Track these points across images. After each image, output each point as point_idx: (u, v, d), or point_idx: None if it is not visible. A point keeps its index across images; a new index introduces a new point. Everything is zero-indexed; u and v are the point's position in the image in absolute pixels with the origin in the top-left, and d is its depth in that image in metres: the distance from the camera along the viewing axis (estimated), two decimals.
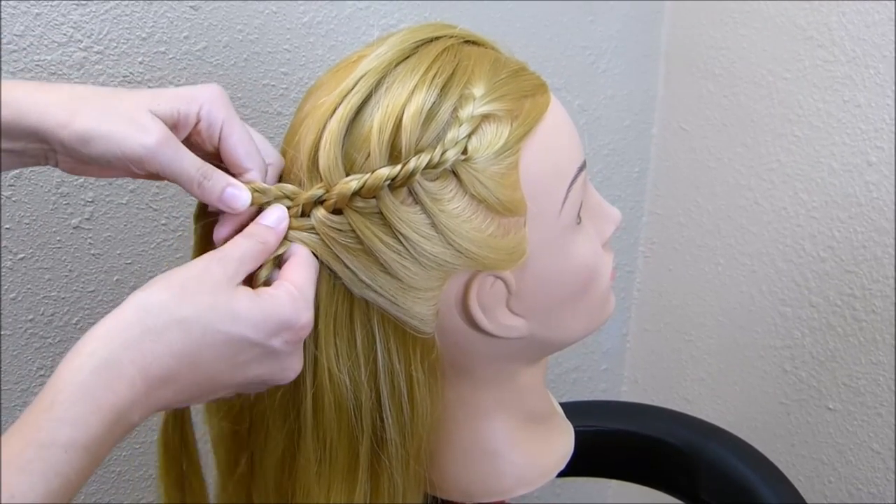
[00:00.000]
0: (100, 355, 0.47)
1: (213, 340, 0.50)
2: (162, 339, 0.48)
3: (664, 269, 1.49)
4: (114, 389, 0.46)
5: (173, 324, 0.49)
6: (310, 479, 0.62)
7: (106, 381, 0.46)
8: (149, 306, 0.49)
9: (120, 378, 0.47)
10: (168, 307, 0.49)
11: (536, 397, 0.73)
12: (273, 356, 0.53)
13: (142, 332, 0.48)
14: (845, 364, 1.23)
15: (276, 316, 0.52)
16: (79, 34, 0.85)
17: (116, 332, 0.48)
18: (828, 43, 1.16)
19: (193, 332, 0.49)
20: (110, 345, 0.47)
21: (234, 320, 0.51)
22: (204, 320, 0.50)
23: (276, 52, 0.98)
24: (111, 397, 0.46)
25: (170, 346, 0.49)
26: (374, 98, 0.57)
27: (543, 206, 0.60)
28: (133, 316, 0.49)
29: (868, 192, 1.16)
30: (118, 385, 0.47)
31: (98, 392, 0.46)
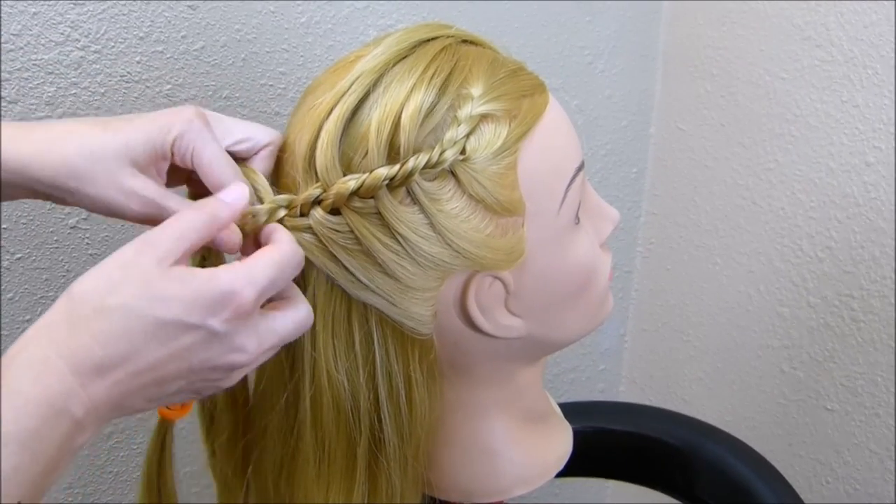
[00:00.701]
0: (29, 351, 0.46)
1: (142, 326, 0.47)
2: (88, 329, 0.47)
3: (662, 269, 1.49)
4: (43, 383, 0.45)
5: (98, 312, 0.47)
6: (308, 479, 0.62)
7: (34, 374, 0.45)
8: (75, 296, 0.48)
9: (48, 371, 0.45)
10: (92, 297, 0.47)
11: (535, 397, 0.73)
12: (216, 338, 0.49)
13: (68, 323, 0.47)
14: (843, 364, 1.23)
15: (209, 293, 0.48)
16: (76, 33, 0.85)
17: (44, 326, 0.47)
18: (826, 43, 1.16)
19: (118, 318, 0.47)
20: (38, 339, 0.47)
21: (161, 302, 0.47)
22: (129, 305, 0.47)
23: (274, 51, 0.98)
24: (41, 390, 0.45)
25: (95, 336, 0.47)
26: (372, 98, 0.57)
27: (542, 206, 0.60)
28: (61, 308, 0.47)
29: (866, 193, 1.16)
30: (47, 378, 0.45)
31: (26, 386, 0.45)
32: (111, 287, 0.48)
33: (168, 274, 0.48)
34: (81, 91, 0.87)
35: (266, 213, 0.56)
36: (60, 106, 0.86)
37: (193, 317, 0.48)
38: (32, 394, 0.45)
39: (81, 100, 0.87)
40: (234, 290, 0.49)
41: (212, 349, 0.50)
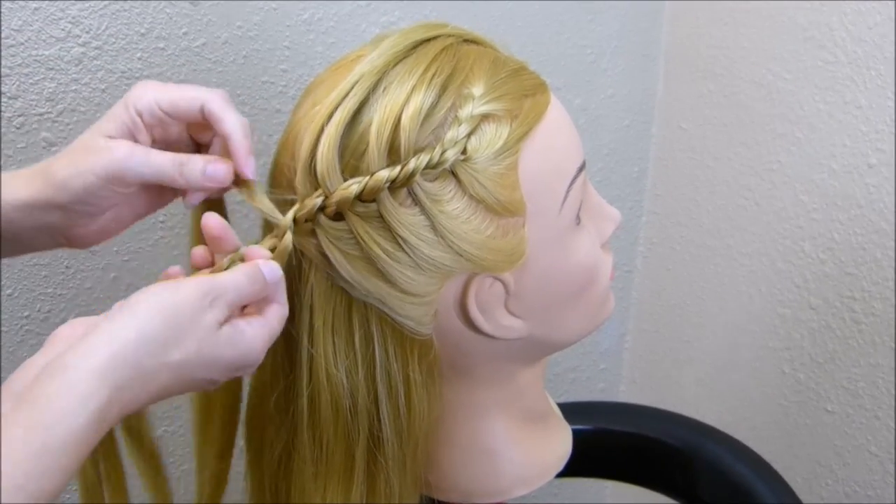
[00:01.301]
0: (97, 402, 0.46)
1: (188, 381, 0.51)
2: (151, 383, 0.49)
3: (663, 269, 1.48)
4: (102, 432, 0.47)
5: (164, 368, 0.49)
6: (306, 479, 0.61)
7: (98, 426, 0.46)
8: (144, 345, 0.48)
9: (107, 420, 0.47)
10: (162, 349, 0.49)
11: (535, 397, 0.73)
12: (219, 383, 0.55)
13: (137, 374, 0.48)
14: (844, 366, 1.23)
15: (245, 360, 0.54)
16: (77, 29, 0.85)
17: (114, 370, 0.47)
18: (829, 43, 1.16)
19: (174, 376, 0.50)
20: (108, 384, 0.46)
21: (211, 367, 0.52)
22: (188, 367, 0.50)
23: (276, 49, 0.98)
24: (97, 439, 0.47)
25: (152, 389, 0.49)
26: (372, 99, 0.56)
27: (543, 207, 0.59)
28: (132, 353, 0.48)
29: (868, 194, 1.16)
30: (105, 427, 0.47)
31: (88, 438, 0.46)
32: (179, 340, 0.50)
33: (220, 337, 0.52)
34: (82, 87, 0.87)
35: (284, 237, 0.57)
36: (61, 102, 0.86)
37: (225, 375, 0.54)
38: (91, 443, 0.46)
39: (82, 96, 0.87)
40: (259, 359, 0.54)
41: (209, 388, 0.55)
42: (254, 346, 0.53)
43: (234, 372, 0.54)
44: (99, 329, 0.48)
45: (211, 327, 0.51)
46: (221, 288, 0.52)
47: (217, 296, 0.51)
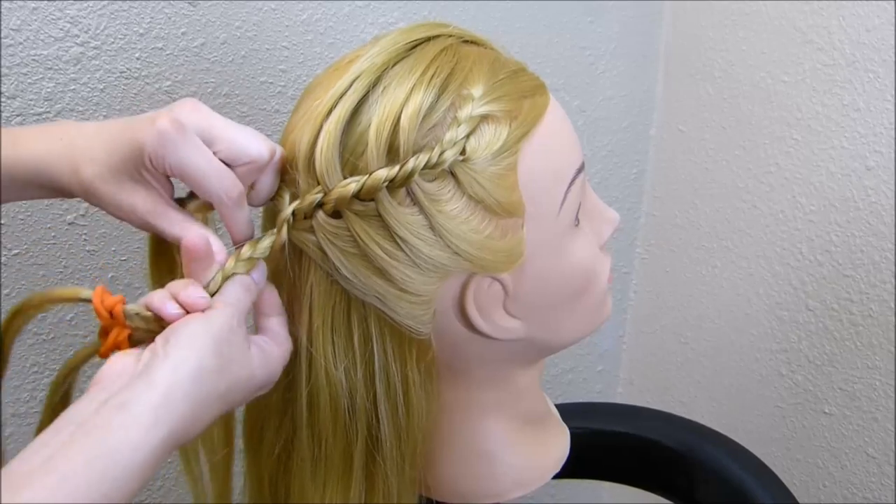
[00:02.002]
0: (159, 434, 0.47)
1: (228, 406, 0.53)
2: (204, 412, 0.50)
3: (661, 271, 1.48)
4: (160, 462, 0.48)
5: (216, 398, 0.51)
6: (305, 478, 0.61)
7: (156, 458, 0.47)
8: (201, 378, 0.50)
9: (166, 451, 0.48)
10: (215, 378, 0.51)
11: (532, 399, 0.73)
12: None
13: (194, 407, 0.49)
14: (842, 368, 1.23)
15: (271, 379, 0.56)
16: (76, 29, 0.85)
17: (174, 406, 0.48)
18: (827, 46, 1.16)
19: (223, 403, 0.52)
20: (169, 421, 0.47)
21: (246, 389, 0.54)
22: (234, 391, 0.52)
23: (275, 49, 0.98)
24: (155, 469, 0.48)
25: (206, 419, 0.51)
26: (372, 99, 0.56)
27: (541, 208, 0.59)
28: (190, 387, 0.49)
29: (866, 197, 1.16)
30: (163, 458, 0.48)
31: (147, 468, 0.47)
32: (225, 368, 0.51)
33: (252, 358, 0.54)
34: (80, 87, 0.87)
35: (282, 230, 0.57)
36: (59, 102, 0.86)
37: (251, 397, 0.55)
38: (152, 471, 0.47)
39: (80, 96, 0.87)
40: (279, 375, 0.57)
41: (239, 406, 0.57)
42: (278, 365, 0.56)
43: (259, 391, 0.56)
44: (155, 366, 0.49)
45: (244, 349, 0.53)
46: (236, 304, 0.54)
47: (238, 315, 0.54)
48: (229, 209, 0.56)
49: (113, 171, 0.56)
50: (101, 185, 0.56)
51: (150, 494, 1.03)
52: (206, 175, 0.55)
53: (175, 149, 0.54)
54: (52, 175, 0.57)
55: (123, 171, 0.56)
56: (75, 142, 0.57)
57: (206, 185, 0.55)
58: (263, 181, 0.58)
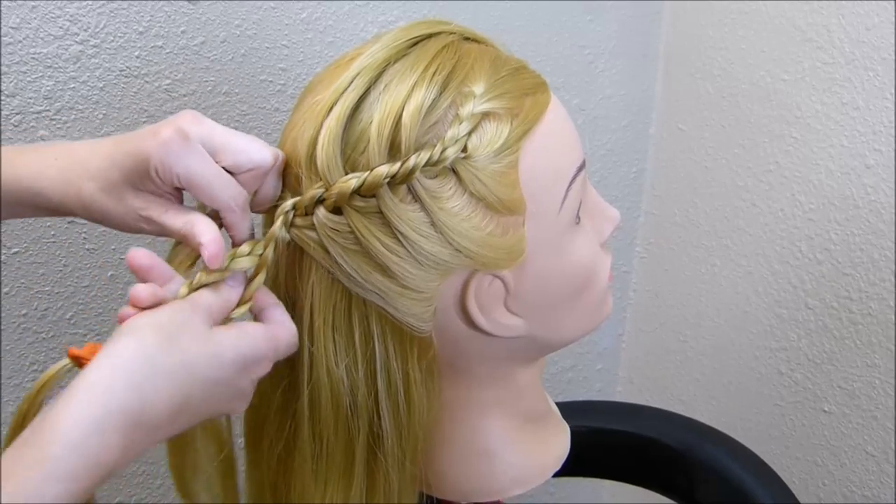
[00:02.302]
0: (96, 410, 0.46)
1: (202, 387, 0.51)
2: (158, 392, 0.48)
3: (660, 269, 1.49)
4: (108, 445, 0.46)
5: (166, 375, 0.49)
6: (306, 476, 0.61)
7: (101, 437, 0.46)
8: (144, 355, 0.49)
9: (115, 431, 0.46)
10: (159, 357, 0.49)
11: (533, 397, 0.73)
12: (241, 394, 0.54)
13: (138, 383, 0.48)
14: (841, 367, 1.23)
15: (252, 354, 0.53)
16: (75, 27, 0.85)
17: (113, 383, 0.47)
18: (827, 45, 1.16)
19: (184, 379, 0.50)
20: (107, 396, 0.47)
21: (220, 365, 0.52)
22: (192, 367, 0.50)
23: (274, 47, 0.98)
24: (105, 454, 0.46)
25: (161, 397, 0.49)
26: (373, 95, 0.56)
27: (542, 206, 0.59)
28: (130, 365, 0.48)
29: (866, 195, 1.16)
30: (112, 439, 0.46)
31: (93, 450, 0.45)
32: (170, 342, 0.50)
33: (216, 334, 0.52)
34: (80, 85, 0.86)
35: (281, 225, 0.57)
36: (59, 100, 0.86)
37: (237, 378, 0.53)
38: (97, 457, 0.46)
39: (80, 94, 0.87)
40: (267, 356, 0.55)
41: (234, 402, 0.55)
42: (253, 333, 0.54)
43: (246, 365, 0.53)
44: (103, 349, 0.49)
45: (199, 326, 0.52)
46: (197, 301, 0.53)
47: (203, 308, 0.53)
48: (237, 216, 0.56)
49: (114, 185, 0.56)
50: (104, 199, 0.56)
51: (151, 493, 1.03)
52: (213, 183, 0.55)
53: (181, 158, 0.54)
54: (49, 196, 0.58)
55: (126, 184, 0.56)
56: (71, 163, 0.57)
57: (214, 193, 0.55)
58: (266, 186, 0.58)
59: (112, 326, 0.96)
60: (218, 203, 0.56)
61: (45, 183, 0.57)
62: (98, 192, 0.56)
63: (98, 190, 0.56)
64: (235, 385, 0.53)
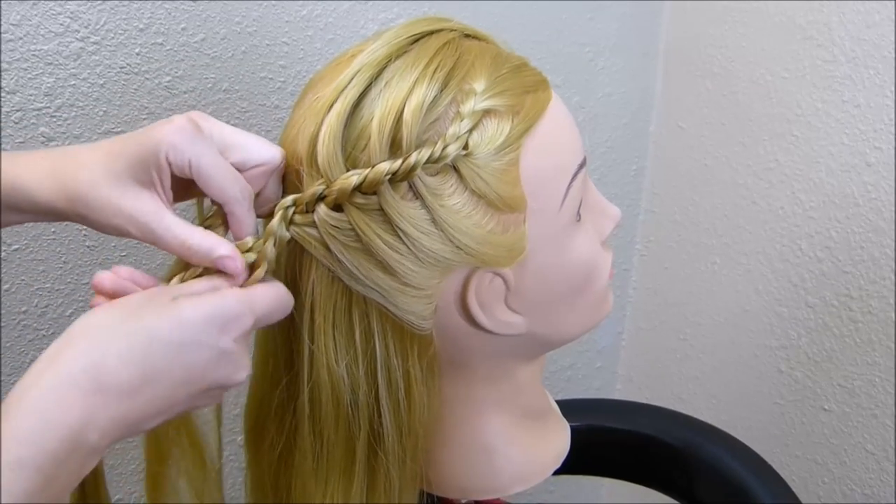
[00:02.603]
0: (51, 372, 0.46)
1: (165, 350, 0.49)
2: (112, 352, 0.48)
3: (660, 267, 1.48)
4: (66, 406, 0.45)
5: (122, 336, 0.48)
6: (307, 475, 0.61)
7: (58, 397, 0.45)
8: (95, 325, 0.49)
9: (73, 393, 0.46)
10: (113, 324, 0.49)
11: (533, 394, 0.73)
12: (226, 357, 0.52)
13: (90, 346, 0.48)
14: (841, 365, 1.23)
15: (221, 312, 0.51)
16: (76, 24, 0.84)
17: (65, 348, 0.47)
18: (827, 43, 1.16)
19: (142, 342, 0.49)
20: (60, 361, 0.47)
21: (181, 324, 0.50)
22: (151, 330, 0.49)
23: (275, 44, 0.98)
24: (64, 415, 0.45)
25: (120, 357, 0.48)
26: (374, 92, 0.56)
27: (543, 203, 0.59)
28: (80, 332, 0.48)
29: (866, 193, 1.16)
30: (71, 400, 0.46)
31: (50, 408, 0.45)
32: (131, 312, 0.49)
33: (179, 301, 0.51)
34: (81, 82, 0.86)
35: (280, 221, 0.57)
36: (59, 97, 0.85)
37: (209, 336, 0.51)
38: (56, 418, 0.45)
39: (81, 91, 0.87)
40: (242, 313, 0.52)
41: (222, 368, 0.52)
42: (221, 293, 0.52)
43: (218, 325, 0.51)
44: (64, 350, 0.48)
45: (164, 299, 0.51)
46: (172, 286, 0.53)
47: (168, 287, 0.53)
48: (243, 209, 0.56)
49: (116, 175, 0.54)
50: (100, 190, 0.54)
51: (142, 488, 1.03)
52: (222, 173, 0.55)
53: (194, 144, 0.54)
54: (34, 193, 0.56)
55: (129, 175, 0.54)
56: (61, 158, 0.56)
57: (225, 184, 0.55)
58: (269, 187, 0.58)
59: None
60: (227, 194, 0.55)
61: (29, 178, 0.56)
62: (90, 182, 0.54)
63: (94, 179, 0.54)
64: (212, 345, 0.51)
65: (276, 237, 0.56)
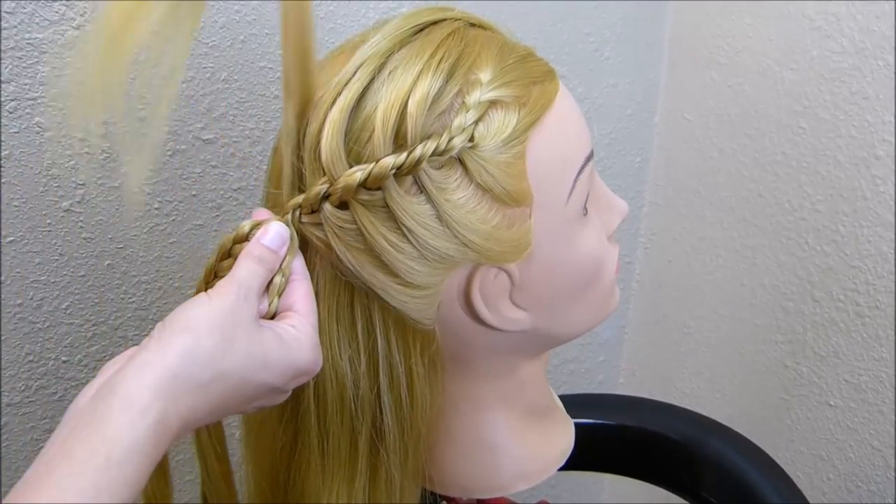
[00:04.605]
0: (153, 413, 0.47)
1: (244, 389, 0.52)
2: (207, 393, 0.50)
3: (664, 260, 1.48)
4: (163, 445, 0.47)
5: (217, 377, 0.50)
6: (312, 470, 0.61)
7: (158, 438, 0.47)
8: (196, 357, 0.49)
9: (168, 433, 0.48)
10: (213, 359, 0.50)
11: (537, 391, 0.72)
12: (281, 394, 0.55)
13: (190, 386, 0.49)
14: (847, 360, 1.22)
15: (298, 364, 0.54)
16: (71, 12, 0.83)
17: (167, 385, 0.48)
18: (836, 34, 1.15)
19: (232, 383, 0.51)
20: (162, 399, 0.47)
21: (265, 370, 0.52)
22: (241, 372, 0.51)
23: (274, 34, 0.96)
24: (159, 452, 0.47)
25: (210, 398, 0.50)
26: (377, 85, 0.55)
27: (550, 197, 0.58)
28: (181, 369, 0.49)
29: (874, 186, 1.14)
30: (166, 440, 0.48)
31: (150, 449, 0.46)
32: (227, 348, 0.50)
33: (265, 337, 0.52)
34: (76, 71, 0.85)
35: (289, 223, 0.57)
36: (55, 87, 0.84)
37: (281, 381, 0.54)
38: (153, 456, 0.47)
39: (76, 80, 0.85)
40: (317, 361, 0.55)
41: (272, 399, 0.56)
42: (301, 339, 0.54)
43: (294, 373, 0.54)
44: (147, 348, 0.49)
45: (251, 324, 0.52)
46: (244, 281, 0.53)
47: (246, 291, 0.53)
48: None
49: None
50: None
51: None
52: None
53: None
54: None
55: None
56: None
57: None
58: None
59: (109, 316, 0.96)
60: None
61: None
62: None
63: None
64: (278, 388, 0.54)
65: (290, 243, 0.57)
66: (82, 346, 0.95)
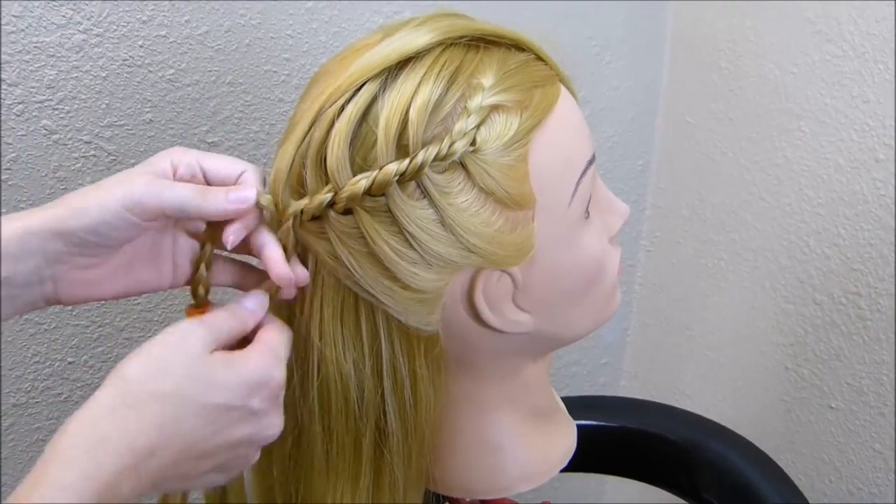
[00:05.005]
0: (86, 429, 0.47)
1: (193, 412, 0.50)
2: (143, 414, 0.49)
3: (666, 263, 1.48)
4: (101, 461, 0.46)
5: (152, 399, 0.49)
6: (316, 471, 0.61)
7: (94, 452, 0.46)
8: (128, 382, 0.50)
9: (106, 450, 0.47)
10: (146, 382, 0.50)
11: (540, 393, 0.72)
12: (253, 416, 0.53)
13: (124, 407, 0.49)
14: (848, 363, 1.23)
15: (249, 378, 0.53)
16: (78, 16, 0.84)
17: (99, 408, 0.48)
18: (837, 37, 1.15)
19: (172, 405, 0.50)
20: (95, 419, 0.48)
21: (211, 389, 0.51)
22: (182, 393, 0.50)
23: (279, 37, 0.97)
24: (98, 470, 0.46)
25: (151, 420, 0.49)
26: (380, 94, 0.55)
27: (552, 200, 0.59)
28: (113, 391, 0.49)
29: (875, 190, 1.15)
30: (105, 457, 0.47)
31: (86, 463, 0.46)
32: (164, 371, 0.50)
33: (211, 360, 0.52)
34: (83, 75, 0.86)
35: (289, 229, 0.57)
36: (61, 90, 0.85)
37: (237, 399, 0.52)
38: (91, 470, 0.46)
39: (83, 84, 0.86)
40: (270, 372, 0.54)
41: (250, 426, 0.53)
42: (247, 353, 0.53)
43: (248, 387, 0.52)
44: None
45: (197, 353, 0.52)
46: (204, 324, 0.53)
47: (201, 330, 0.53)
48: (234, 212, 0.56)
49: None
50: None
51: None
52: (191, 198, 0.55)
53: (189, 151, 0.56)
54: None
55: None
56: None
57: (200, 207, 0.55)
58: None
59: (114, 318, 0.96)
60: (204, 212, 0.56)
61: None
62: None
63: None
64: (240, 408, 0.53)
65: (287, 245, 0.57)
66: (88, 347, 0.95)
